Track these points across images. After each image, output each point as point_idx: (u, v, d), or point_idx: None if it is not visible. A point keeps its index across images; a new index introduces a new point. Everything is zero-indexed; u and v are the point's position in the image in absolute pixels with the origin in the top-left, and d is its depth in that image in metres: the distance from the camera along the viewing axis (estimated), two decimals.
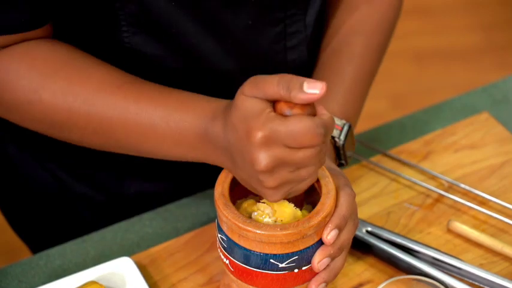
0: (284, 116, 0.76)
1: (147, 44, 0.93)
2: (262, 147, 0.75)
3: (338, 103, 1.00)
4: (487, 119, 1.14)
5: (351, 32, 1.04)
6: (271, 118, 0.75)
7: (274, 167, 0.76)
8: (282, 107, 0.76)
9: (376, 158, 1.09)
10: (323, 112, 0.77)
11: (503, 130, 1.13)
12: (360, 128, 1.10)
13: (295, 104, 0.76)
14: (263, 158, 0.75)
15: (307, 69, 1.05)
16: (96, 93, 0.86)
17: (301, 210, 0.85)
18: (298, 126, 0.75)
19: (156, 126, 0.85)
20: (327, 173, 0.86)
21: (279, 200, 0.80)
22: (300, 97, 0.74)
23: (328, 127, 0.77)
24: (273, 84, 0.75)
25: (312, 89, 0.74)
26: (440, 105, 1.18)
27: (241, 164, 0.79)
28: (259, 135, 0.75)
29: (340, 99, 1.01)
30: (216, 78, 0.98)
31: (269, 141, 0.75)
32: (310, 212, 0.84)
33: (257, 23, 0.96)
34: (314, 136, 0.75)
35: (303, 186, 0.80)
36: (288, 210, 0.84)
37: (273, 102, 0.77)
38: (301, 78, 0.75)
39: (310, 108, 0.77)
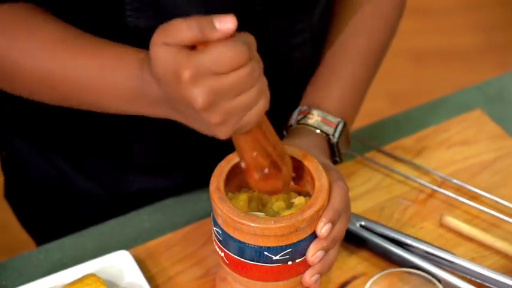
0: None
1: (152, 28, 0.93)
2: (193, 85, 0.73)
3: (334, 101, 1.01)
4: (480, 116, 1.16)
5: (354, 32, 1.05)
6: (191, 54, 0.73)
7: (212, 101, 0.74)
8: (199, 47, 0.74)
9: (370, 154, 1.11)
10: (239, 33, 0.75)
11: (495, 127, 1.14)
12: (358, 125, 1.12)
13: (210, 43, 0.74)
14: (198, 94, 0.73)
15: (312, 67, 1.06)
16: (40, 46, 0.87)
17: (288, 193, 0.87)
18: (220, 49, 0.72)
19: (92, 80, 0.85)
20: (320, 167, 0.87)
21: (230, 135, 0.78)
22: (215, 35, 0.73)
23: (249, 43, 0.74)
24: (183, 29, 0.73)
25: (224, 23, 0.73)
26: (435, 103, 1.20)
27: (184, 110, 0.77)
28: (186, 74, 0.73)
29: (337, 97, 1.02)
30: None
31: (197, 76, 0.73)
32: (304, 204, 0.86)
33: (263, 18, 0.97)
34: (238, 54, 0.73)
35: (253, 114, 0.77)
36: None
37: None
38: (209, 17, 0.73)
39: None
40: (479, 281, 0.94)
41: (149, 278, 0.96)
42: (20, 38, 0.88)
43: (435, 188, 1.06)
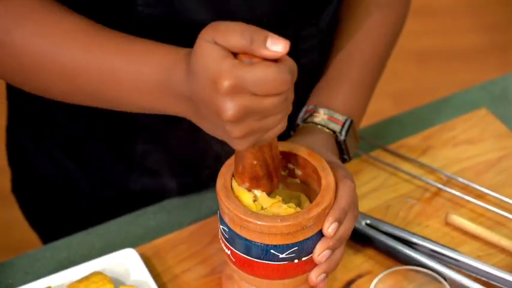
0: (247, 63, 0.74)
1: (161, 17, 0.92)
2: (228, 96, 0.73)
3: (342, 100, 1.02)
4: (486, 114, 1.16)
5: (362, 38, 1.05)
6: (237, 65, 0.73)
7: (241, 116, 0.74)
8: (243, 57, 0.74)
9: (376, 153, 1.11)
10: (285, 57, 0.74)
11: (501, 126, 1.14)
12: (362, 125, 1.12)
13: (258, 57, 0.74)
14: (230, 108, 0.73)
15: (318, 72, 1.07)
16: (64, 37, 0.86)
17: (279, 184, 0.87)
18: (266, 73, 0.73)
19: (116, 73, 0.83)
20: (326, 166, 0.87)
21: (246, 148, 0.79)
22: (263, 53, 0.73)
23: (293, 72, 0.75)
24: (236, 35, 0.73)
25: (275, 45, 0.73)
26: (439, 102, 1.20)
27: (206, 113, 0.77)
28: (225, 84, 0.73)
29: (344, 97, 1.02)
30: None
31: (236, 90, 0.73)
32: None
33: (272, 22, 0.97)
34: (282, 83, 0.73)
35: (271, 135, 0.78)
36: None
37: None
38: (264, 33, 0.73)
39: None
40: (484, 279, 0.95)
41: (155, 276, 0.96)
42: (45, 26, 0.86)
43: (441, 186, 1.06)
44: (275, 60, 0.74)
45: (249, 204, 0.85)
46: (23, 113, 1.12)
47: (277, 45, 0.73)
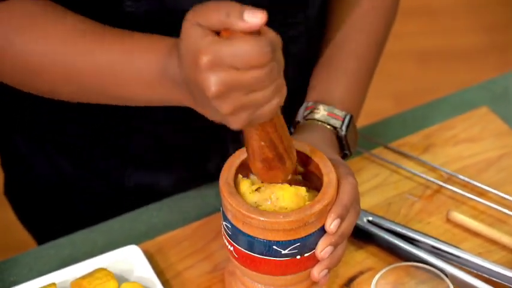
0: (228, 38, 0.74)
1: (149, 14, 0.93)
2: (209, 71, 0.73)
3: (340, 95, 1.02)
4: (486, 113, 1.17)
5: (353, 28, 1.05)
6: (215, 41, 0.73)
7: (224, 91, 0.74)
8: (224, 34, 0.74)
9: (377, 151, 1.11)
10: (268, 31, 0.74)
11: (501, 124, 1.15)
12: (363, 124, 1.13)
13: (238, 32, 0.74)
14: (212, 83, 0.73)
15: (308, 62, 1.07)
16: (62, 39, 0.87)
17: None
18: (244, 45, 0.72)
19: (115, 68, 0.85)
20: (329, 163, 0.88)
21: (242, 128, 0.78)
22: (240, 25, 0.73)
23: (275, 44, 0.74)
24: (213, 13, 0.74)
25: (252, 17, 0.73)
26: (440, 101, 1.20)
27: (197, 95, 0.77)
28: (204, 59, 0.73)
29: (342, 93, 1.03)
30: None
31: (215, 64, 0.73)
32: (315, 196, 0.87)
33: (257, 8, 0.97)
34: (261, 54, 0.73)
35: (266, 111, 0.77)
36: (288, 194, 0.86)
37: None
38: (240, 6, 0.73)
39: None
40: (485, 275, 0.95)
41: (159, 273, 0.97)
42: (45, 31, 0.88)
43: (442, 184, 1.07)
44: (257, 34, 0.74)
45: (246, 191, 0.85)
46: (14, 112, 1.12)
47: (254, 17, 0.72)
